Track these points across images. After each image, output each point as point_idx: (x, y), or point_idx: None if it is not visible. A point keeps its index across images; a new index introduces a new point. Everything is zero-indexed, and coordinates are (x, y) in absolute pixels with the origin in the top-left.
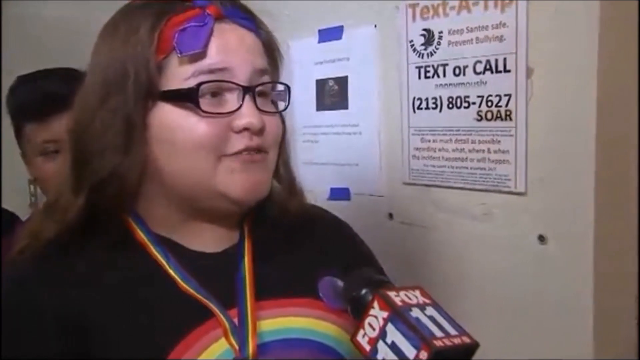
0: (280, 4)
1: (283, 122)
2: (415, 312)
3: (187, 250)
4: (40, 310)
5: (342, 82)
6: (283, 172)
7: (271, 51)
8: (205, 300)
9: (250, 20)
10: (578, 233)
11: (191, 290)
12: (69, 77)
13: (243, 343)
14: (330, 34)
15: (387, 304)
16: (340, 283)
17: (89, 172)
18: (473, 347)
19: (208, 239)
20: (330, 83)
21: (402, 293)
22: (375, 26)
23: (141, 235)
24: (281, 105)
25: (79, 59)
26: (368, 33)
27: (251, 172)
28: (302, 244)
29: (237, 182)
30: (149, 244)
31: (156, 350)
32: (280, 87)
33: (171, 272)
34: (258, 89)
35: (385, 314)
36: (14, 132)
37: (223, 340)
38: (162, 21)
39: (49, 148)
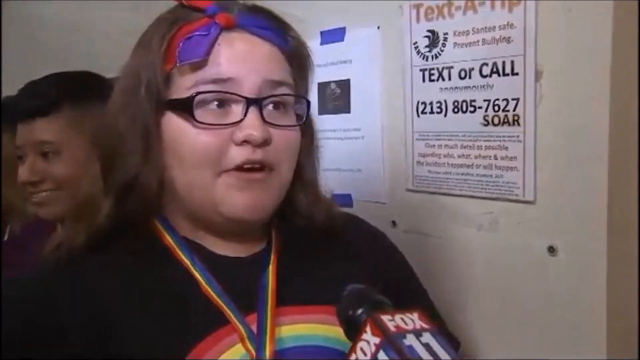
0: (282, 6)
1: (311, 134)
2: (410, 339)
3: (212, 254)
4: (63, 309)
5: (345, 85)
6: (308, 182)
7: (298, 61)
8: (223, 305)
9: (270, 30)
10: (590, 243)
11: (212, 294)
12: (41, 87)
13: (260, 349)
14: (332, 36)
15: (379, 330)
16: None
17: (115, 175)
18: None
19: (234, 246)
20: (333, 86)
21: (397, 317)
22: (378, 27)
23: (168, 238)
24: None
25: (80, 58)
26: (371, 34)
27: (249, 190)
28: (330, 252)
29: (234, 200)
30: (175, 246)
31: (174, 352)
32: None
33: (195, 274)
34: (271, 99)
35: (377, 340)
36: None
37: (240, 345)
38: (173, 30)
39: (15, 154)
